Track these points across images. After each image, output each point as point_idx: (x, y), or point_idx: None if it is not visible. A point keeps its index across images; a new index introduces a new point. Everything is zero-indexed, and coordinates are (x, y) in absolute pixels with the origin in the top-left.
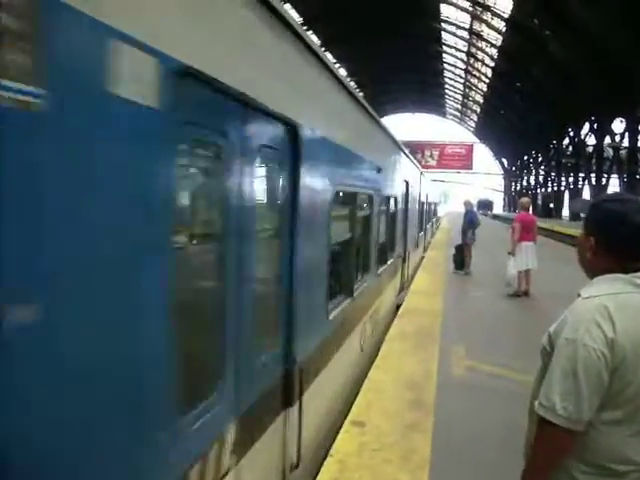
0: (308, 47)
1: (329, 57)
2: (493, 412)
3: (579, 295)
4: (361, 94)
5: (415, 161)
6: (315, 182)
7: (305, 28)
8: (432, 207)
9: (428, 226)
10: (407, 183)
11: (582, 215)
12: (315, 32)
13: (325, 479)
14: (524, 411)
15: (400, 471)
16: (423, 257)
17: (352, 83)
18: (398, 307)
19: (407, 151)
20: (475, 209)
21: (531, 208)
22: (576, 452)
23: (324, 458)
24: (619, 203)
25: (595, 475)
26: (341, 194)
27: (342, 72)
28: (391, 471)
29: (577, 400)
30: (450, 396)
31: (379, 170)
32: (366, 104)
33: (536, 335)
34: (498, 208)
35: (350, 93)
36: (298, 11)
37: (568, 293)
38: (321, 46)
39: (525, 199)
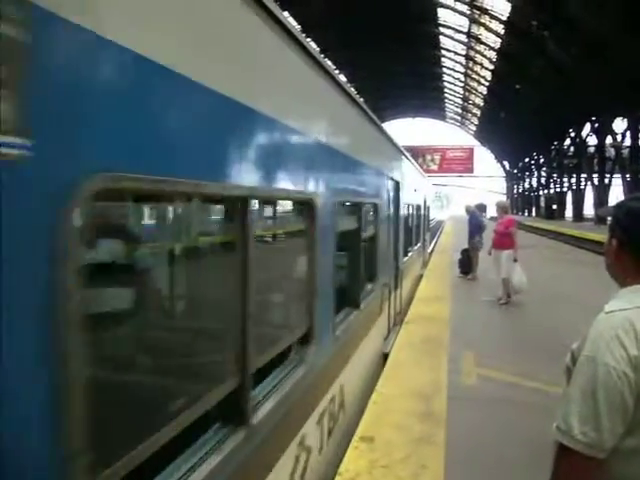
0: (391, 140)
1: (334, 70)
2: (509, 423)
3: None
4: (361, 99)
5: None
6: (404, 202)
7: (304, 35)
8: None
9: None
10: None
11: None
12: (314, 38)
13: None
14: (542, 421)
15: None
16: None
17: (352, 89)
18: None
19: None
20: (477, 213)
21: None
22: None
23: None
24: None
25: None
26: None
27: (342, 78)
28: None
29: (597, 425)
30: (462, 407)
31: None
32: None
33: (548, 341)
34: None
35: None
36: (297, 18)
37: (579, 299)
38: (321, 52)
39: (503, 200)
